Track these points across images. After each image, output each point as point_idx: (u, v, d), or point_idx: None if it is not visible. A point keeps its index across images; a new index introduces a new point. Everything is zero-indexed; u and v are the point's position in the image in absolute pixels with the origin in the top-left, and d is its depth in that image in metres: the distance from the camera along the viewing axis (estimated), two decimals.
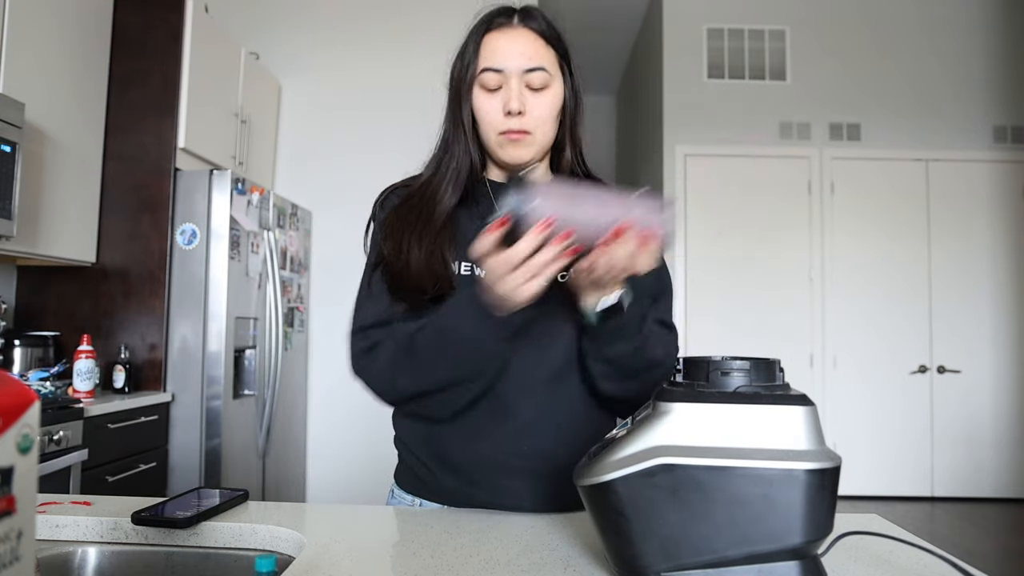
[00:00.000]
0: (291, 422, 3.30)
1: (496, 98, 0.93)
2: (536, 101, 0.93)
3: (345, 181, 3.50)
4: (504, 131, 0.93)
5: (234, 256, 2.75)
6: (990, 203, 4.62)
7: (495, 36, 0.94)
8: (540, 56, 0.93)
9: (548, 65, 0.94)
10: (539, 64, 0.92)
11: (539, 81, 0.92)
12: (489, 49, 0.93)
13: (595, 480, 0.63)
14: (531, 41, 0.93)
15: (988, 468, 4.50)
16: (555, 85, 0.95)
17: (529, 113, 0.93)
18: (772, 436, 0.60)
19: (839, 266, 4.61)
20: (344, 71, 3.74)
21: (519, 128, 0.93)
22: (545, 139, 0.96)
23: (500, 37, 0.94)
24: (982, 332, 4.57)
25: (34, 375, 2.40)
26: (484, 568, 0.72)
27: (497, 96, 0.93)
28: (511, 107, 0.91)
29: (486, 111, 0.94)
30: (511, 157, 0.95)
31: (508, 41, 0.93)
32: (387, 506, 0.99)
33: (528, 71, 0.92)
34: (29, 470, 0.39)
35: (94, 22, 2.66)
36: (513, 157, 0.95)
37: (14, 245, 2.25)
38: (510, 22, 0.94)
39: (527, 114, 0.92)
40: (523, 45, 0.93)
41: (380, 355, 0.92)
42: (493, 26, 0.95)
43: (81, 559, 0.85)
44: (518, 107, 0.91)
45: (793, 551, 0.60)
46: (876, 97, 4.66)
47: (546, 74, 0.93)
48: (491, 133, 0.95)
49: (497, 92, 0.93)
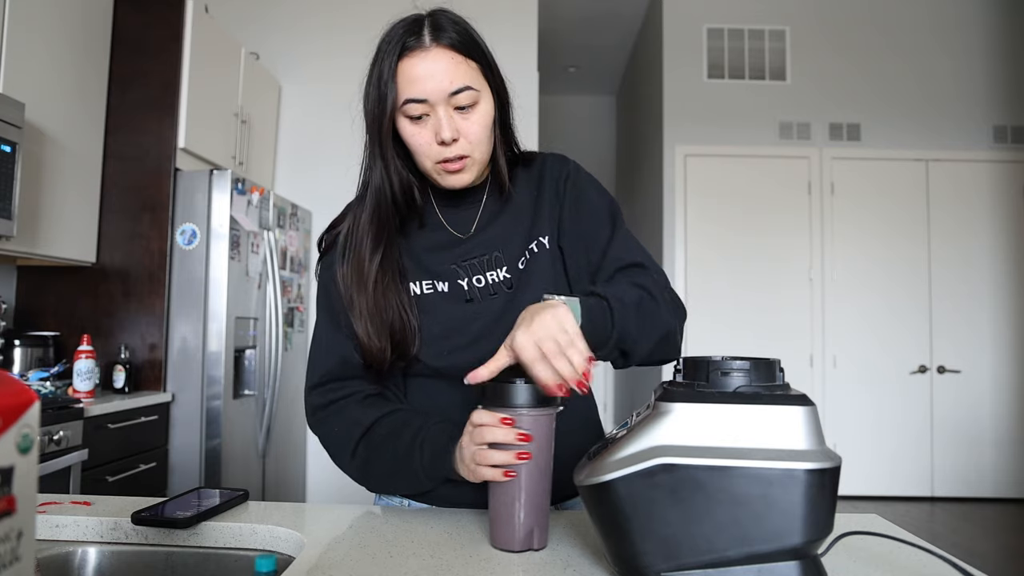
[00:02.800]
0: (291, 422, 3.30)
1: (426, 127, 0.89)
2: (467, 122, 0.89)
3: (345, 181, 3.47)
4: (440, 160, 0.90)
5: (234, 256, 2.75)
6: (990, 203, 4.62)
7: (410, 63, 0.87)
8: (462, 75, 0.87)
9: (472, 81, 0.88)
10: (462, 84, 0.87)
11: (466, 100, 0.88)
12: (406, 78, 0.87)
13: (595, 480, 0.63)
14: (448, 60, 0.87)
15: (988, 468, 4.50)
16: (483, 99, 0.90)
17: (464, 136, 0.89)
18: (772, 436, 0.60)
19: (839, 266, 4.61)
20: (344, 71, 3.72)
21: (455, 155, 0.89)
22: (483, 157, 0.93)
23: (416, 63, 0.87)
24: (982, 332, 4.57)
25: (34, 375, 2.40)
26: (484, 568, 0.72)
27: (426, 125, 0.89)
28: (443, 136, 0.87)
29: (418, 143, 0.90)
30: (451, 185, 0.93)
31: (425, 66, 0.86)
32: (387, 506, 0.99)
33: (453, 94, 0.87)
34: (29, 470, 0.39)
35: (94, 22, 2.66)
36: (454, 184, 0.93)
37: (14, 245, 2.25)
38: (422, 43, 0.87)
39: (461, 138, 0.89)
40: (442, 68, 0.86)
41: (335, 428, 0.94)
42: (406, 50, 0.87)
43: (81, 559, 0.85)
44: (451, 135, 0.87)
45: (793, 551, 0.60)
46: (876, 97, 4.66)
47: (472, 92, 0.88)
48: (427, 162, 0.91)
49: (425, 120, 0.88)
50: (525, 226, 0.98)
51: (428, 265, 0.96)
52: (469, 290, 0.95)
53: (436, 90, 0.87)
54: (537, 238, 0.97)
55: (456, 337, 0.93)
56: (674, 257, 4.61)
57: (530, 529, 0.75)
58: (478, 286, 0.95)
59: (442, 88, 0.87)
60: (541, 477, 0.76)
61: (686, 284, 4.60)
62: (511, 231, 0.98)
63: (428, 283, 0.95)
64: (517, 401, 0.74)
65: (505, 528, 0.76)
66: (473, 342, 0.93)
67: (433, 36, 0.87)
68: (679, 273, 4.60)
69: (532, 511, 0.75)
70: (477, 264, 0.96)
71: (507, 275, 0.96)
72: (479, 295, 0.95)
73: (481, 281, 0.95)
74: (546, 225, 0.98)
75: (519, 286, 0.95)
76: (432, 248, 0.97)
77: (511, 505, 0.75)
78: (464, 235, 0.98)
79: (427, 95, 0.87)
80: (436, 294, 0.94)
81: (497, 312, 0.94)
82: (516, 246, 0.97)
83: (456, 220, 0.99)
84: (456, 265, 0.96)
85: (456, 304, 0.94)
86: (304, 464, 3.50)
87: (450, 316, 0.93)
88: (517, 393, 0.75)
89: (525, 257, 0.96)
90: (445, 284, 0.95)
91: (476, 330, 0.93)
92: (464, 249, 0.97)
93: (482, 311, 0.94)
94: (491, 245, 0.97)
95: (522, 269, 0.96)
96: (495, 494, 0.77)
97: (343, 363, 0.95)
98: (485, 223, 0.98)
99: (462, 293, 0.95)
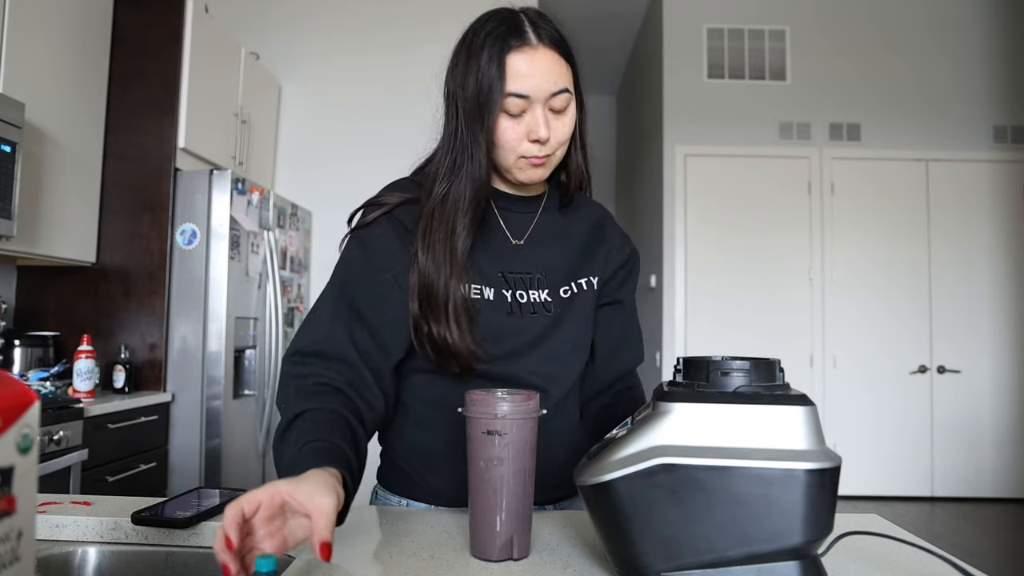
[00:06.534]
0: None
1: (520, 123, 0.89)
2: (558, 123, 0.90)
3: (345, 181, 3.50)
4: (526, 156, 0.91)
5: (234, 256, 2.75)
6: (990, 203, 4.62)
7: (517, 58, 0.88)
8: (562, 77, 0.89)
9: (569, 85, 0.90)
10: (563, 87, 0.89)
11: (562, 103, 0.89)
12: (513, 72, 0.87)
13: (595, 480, 0.63)
14: (553, 62, 0.89)
15: (988, 468, 4.50)
16: (573, 103, 0.92)
17: (554, 136, 0.90)
18: (772, 436, 0.60)
19: (839, 266, 4.61)
20: (344, 71, 3.74)
21: (543, 154, 0.91)
22: (561, 156, 0.95)
23: (522, 59, 0.88)
24: (982, 332, 4.57)
25: (34, 375, 2.40)
26: (484, 568, 0.72)
27: (520, 121, 0.89)
28: (539, 135, 0.88)
29: (509, 138, 0.90)
30: (529, 179, 0.94)
31: (532, 64, 0.88)
32: (387, 506, 0.99)
33: (553, 95, 0.89)
34: (29, 470, 0.39)
35: (94, 22, 2.66)
36: (532, 178, 0.94)
37: (14, 245, 2.25)
38: (529, 41, 0.88)
39: (552, 138, 0.90)
40: (547, 68, 0.88)
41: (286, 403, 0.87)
42: (512, 45, 0.88)
43: (81, 559, 0.85)
44: (547, 135, 0.89)
45: (793, 551, 0.60)
46: (876, 97, 4.66)
47: (568, 95, 0.90)
48: (510, 156, 0.92)
49: (520, 117, 0.89)
50: (574, 257, 1.01)
51: (480, 266, 0.94)
52: (512, 303, 0.95)
53: (539, 88, 0.88)
54: (588, 276, 1.01)
55: (489, 347, 0.92)
56: (674, 257, 4.61)
57: (509, 538, 0.74)
58: (520, 301, 0.95)
59: (545, 88, 0.88)
60: (522, 484, 0.74)
61: (686, 284, 4.60)
62: (559, 255, 1.00)
63: (476, 287, 0.93)
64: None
65: (484, 537, 0.74)
66: (508, 355, 0.93)
67: (537, 34, 0.89)
68: (679, 273, 4.60)
69: (511, 519, 0.74)
70: (521, 280, 0.96)
71: (548, 298, 0.97)
72: (519, 310, 0.95)
73: (524, 297, 0.95)
74: (599, 269, 1.02)
75: (562, 314, 0.97)
76: (485, 247, 0.96)
77: (490, 513, 0.74)
78: (517, 240, 0.98)
79: (530, 92, 0.88)
80: (482, 300, 0.93)
81: (537, 332, 0.95)
82: (560, 273, 0.99)
83: (511, 223, 0.99)
84: (503, 274, 0.96)
85: (497, 314, 0.93)
86: None
87: (488, 325, 0.92)
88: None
89: (572, 289, 0.99)
90: (491, 292, 0.94)
91: (512, 345, 0.93)
92: (512, 259, 0.97)
93: (523, 327, 0.94)
94: (537, 263, 0.98)
95: (566, 298, 0.98)
96: (474, 501, 0.75)
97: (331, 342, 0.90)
98: (538, 235, 1.00)
99: (504, 305, 0.94)
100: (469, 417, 0.74)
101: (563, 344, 0.96)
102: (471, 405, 0.74)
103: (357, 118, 3.69)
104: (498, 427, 0.73)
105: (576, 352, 0.99)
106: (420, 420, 0.97)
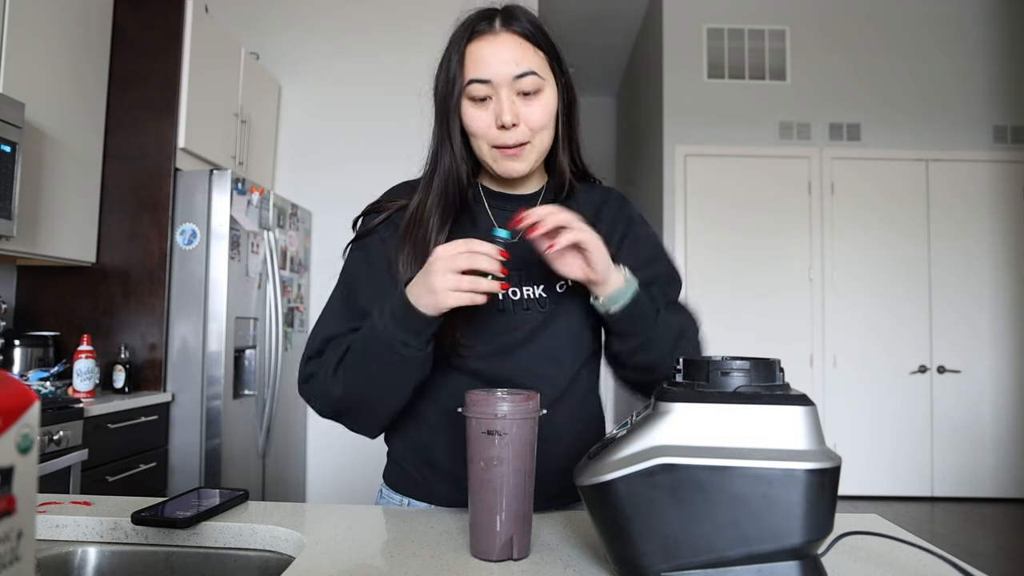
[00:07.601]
0: (291, 422, 3.30)
1: (487, 110, 0.89)
2: (529, 108, 0.89)
3: (345, 181, 3.50)
4: (498, 145, 0.91)
5: (234, 256, 2.74)
6: (990, 203, 4.62)
7: (478, 45, 0.89)
8: (528, 60, 0.88)
9: (537, 68, 0.89)
10: (527, 68, 0.88)
11: (530, 86, 0.88)
12: (473, 59, 0.88)
13: (595, 480, 0.63)
14: (516, 45, 0.88)
15: (988, 468, 4.50)
16: (547, 88, 0.91)
17: (524, 122, 0.89)
18: (772, 436, 0.60)
19: (839, 266, 4.61)
20: (344, 71, 3.74)
21: (514, 142, 0.90)
22: (542, 146, 0.94)
23: (483, 45, 0.89)
24: (982, 332, 4.57)
25: (34, 375, 2.40)
26: (484, 568, 0.72)
27: (488, 108, 0.89)
28: (503, 120, 0.88)
29: (477, 125, 0.90)
30: (506, 171, 0.93)
31: (492, 49, 0.88)
32: (387, 506, 0.99)
33: (517, 77, 0.88)
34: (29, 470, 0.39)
35: (94, 22, 2.66)
36: (508, 171, 0.93)
37: (14, 245, 2.25)
38: (492, 28, 0.89)
39: (521, 124, 0.89)
40: (509, 51, 0.88)
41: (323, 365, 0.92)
42: (475, 34, 0.89)
43: (81, 559, 0.85)
44: (511, 119, 0.88)
45: (793, 551, 0.60)
46: (876, 97, 4.66)
47: (536, 78, 0.89)
48: (484, 147, 0.92)
49: (487, 103, 0.89)
50: None
51: None
52: (505, 299, 0.94)
53: (500, 72, 0.88)
54: None
55: (481, 345, 0.92)
56: (674, 257, 4.61)
57: (509, 538, 0.74)
58: (513, 298, 0.95)
59: (507, 71, 0.88)
60: (522, 484, 0.74)
61: (686, 284, 4.59)
62: None
63: None
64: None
65: (484, 537, 0.74)
66: (499, 352, 0.93)
67: (504, 23, 0.90)
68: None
69: (511, 519, 0.74)
70: (515, 276, 0.95)
71: (543, 294, 0.96)
72: (512, 307, 0.94)
73: (517, 294, 0.95)
74: None
75: (557, 310, 0.95)
76: None
77: (490, 513, 0.74)
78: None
79: (491, 76, 0.88)
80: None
81: (530, 330, 0.94)
82: None
83: (504, 219, 0.98)
84: None
85: (489, 312, 0.93)
86: (304, 464, 3.50)
87: (481, 323, 0.92)
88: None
89: (567, 283, 0.96)
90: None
91: (504, 342, 0.93)
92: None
93: (516, 324, 0.94)
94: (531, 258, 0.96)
95: (561, 293, 0.96)
96: (474, 501, 0.75)
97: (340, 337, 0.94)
98: None
99: (497, 302, 0.94)
100: (469, 417, 0.74)
101: (557, 340, 0.96)
102: (471, 405, 0.74)
103: (357, 118, 3.69)
104: (498, 427, 0.73)
105: (572, 347, 0.98)
106: (421, 421, 0.98)
